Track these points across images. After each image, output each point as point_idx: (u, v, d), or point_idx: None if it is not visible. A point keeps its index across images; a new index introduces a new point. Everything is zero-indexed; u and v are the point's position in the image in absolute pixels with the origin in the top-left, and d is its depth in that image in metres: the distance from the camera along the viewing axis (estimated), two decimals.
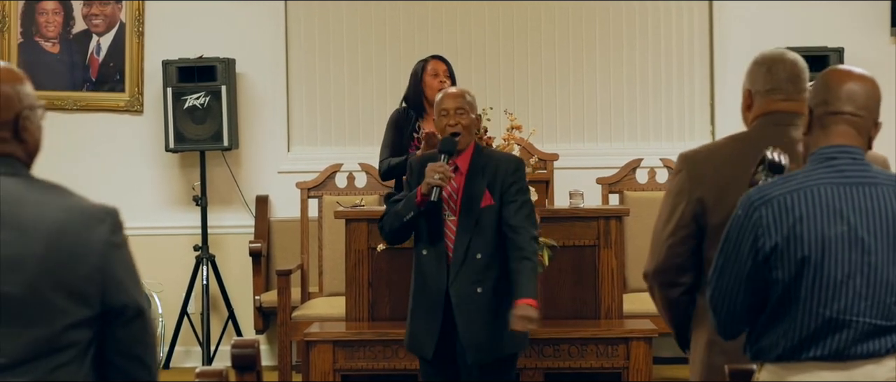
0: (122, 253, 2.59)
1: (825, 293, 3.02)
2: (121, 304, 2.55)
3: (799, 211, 3.03)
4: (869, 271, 3.02)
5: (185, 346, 7.78)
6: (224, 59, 7.62)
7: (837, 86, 3.14)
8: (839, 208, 3.03)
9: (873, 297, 3.02)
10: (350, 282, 5.94)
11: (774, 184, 3.09)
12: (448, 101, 5.02)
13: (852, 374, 3.04)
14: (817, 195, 3.04)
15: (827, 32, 7.63)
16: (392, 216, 4.98)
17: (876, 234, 3.02)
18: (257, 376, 3.21)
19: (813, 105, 3.16)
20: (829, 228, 3.02)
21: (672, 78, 7.88)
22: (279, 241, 7.80)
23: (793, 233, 3.02)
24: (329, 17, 7.92)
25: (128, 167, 7.90)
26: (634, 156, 7.44)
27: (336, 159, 7.50)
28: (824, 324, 3.02)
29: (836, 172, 3.07)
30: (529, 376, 5.62)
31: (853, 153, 3.10)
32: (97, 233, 2.54)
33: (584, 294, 5.88)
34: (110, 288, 2.54)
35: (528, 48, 7.89)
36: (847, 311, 3.02)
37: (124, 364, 2.59)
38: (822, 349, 3.03)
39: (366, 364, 5.66)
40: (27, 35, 7.88)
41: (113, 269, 2.55)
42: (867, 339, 3.03)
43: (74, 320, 2.51)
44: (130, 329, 2.58)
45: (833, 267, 3.01)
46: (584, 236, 5.92)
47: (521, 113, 7.20)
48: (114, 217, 2.59)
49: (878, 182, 3.08)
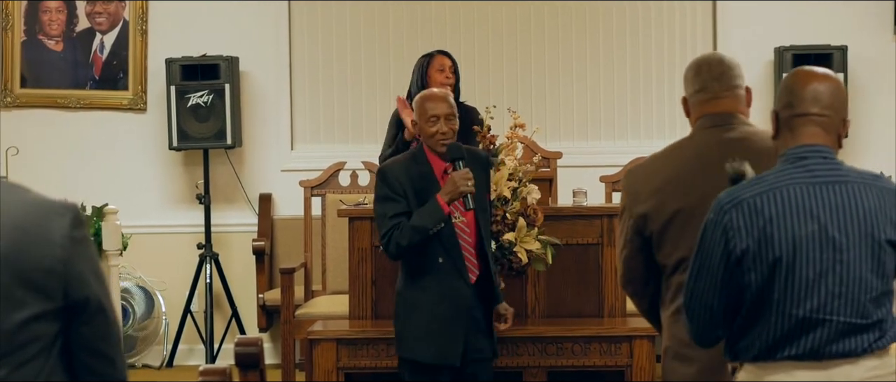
0: (82, 248, 2.56)
1: (798, 293, 3.01)
2: (83, 298, 2.53)
3: (769, 212, 3.03)
4: (841, 269, 3.01)
5: (188, 345, 7.79)
6: (227, 58, 7.62)
7: (801, 88, 3.15)
8: (809, 207, 3.03)
9: (847, 296, 3.01)
10: (353, 280, 5.94)
11: (744, 187, 3.09)
12: (438, 107, 4.98)
13: (829, 374, 3.03)
14: (787, 195, 3.04)
15: (830, 31, 7.63)
16: (410, 230, 4.88)
17: (847, 232, 3.02)
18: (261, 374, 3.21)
19: (779, 108, 3.17)
20: (799, 228, 3.01)
21: (675, 77, 7.88)
22: (282, 239, 7.80)
23: (764, 235, 3.02)
24: (332, 15, 7.92)
25: (131, 165, 7.91)
26: (637, 154, 7.42)
27: (339, 157, 7.50)
28: (798, 324, 3.02)
29: (806, 172, 3.07)
30: (533, 375, 5.63)
31: (823, 152, 3.10)
32: (58, 227, 2.53)
33: (588, 292, 5.88)
34: (72, 282, 2.52)
35: (531, 47, 7.89)
36: (821, 310, 3.01)
37: (90, 360, 2.58)
38: (797, 348, 3.03)
39: (369, 362, 5.66)
40: (31, 33, 7.89)
41: (74, 263, 2.53)
42: (842, 338, 3.02)
43: (35, 312, 2.49)
44: (93, 325, 2.56)
45: (805, 266, 3.01)
46: (588, 234, 5.92)
47: (525, 111, 7.19)
48: (74, 212, 2.57)
49: (849, 180, 3.07)
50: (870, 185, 3.07)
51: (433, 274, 4.96)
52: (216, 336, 7.71)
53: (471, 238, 4.98)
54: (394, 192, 4.96)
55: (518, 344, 5.56)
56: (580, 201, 6.05)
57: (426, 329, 4.98)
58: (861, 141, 7.46)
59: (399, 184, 4.95)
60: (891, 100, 7.73)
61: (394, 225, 4.91)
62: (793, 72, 3.24)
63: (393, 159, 5.21)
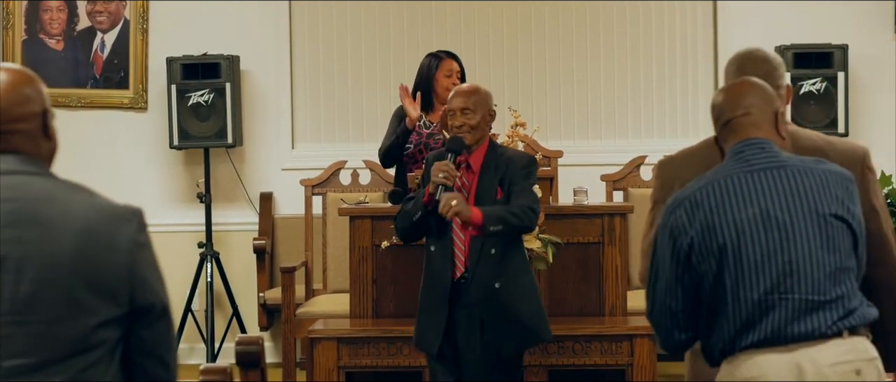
0: (147, 252, 2.61)
1: (748, 276, 3.05)
2: (148, 303, 2.57)
3: (709, 203, 3.10)
4: (789, 247, 3.05)
5: (189, 343, 7.79)
6: (228, 57, 7.62)
7: (722, 101, 3.26)
8: (748, 193, 3.09)
9: (799, 273, 3.04)
10: (354, 279, 5.94)
11: (687, 187, 3.18)
12: (455, 100, 5.02)
13: (794, 356, 3.03)
14: (725, 185, 3.11)
15: (830, 31, 7.63)
16: (402, 215, 5.03)
17: (790, 211, 3.07)
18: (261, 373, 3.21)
19: (715, 127, 3.28)
20: (740, 213, 3.07)
21: (676, 76, 7.88)
22: (283, 238, 7.80)
23: (706, 225, 3.08)
24: (333, 14, 7.92)
25: (132, 164, 7.91)
26: (638, 153, 7.44)
27: (340, 156, 7.49)
28: (755, 308, 3.04)
29: (743, 162, 3.15)
30: (534, 373, 5.62)
31: (759, 143, 3.18)
32: (124, 233, 2.56)
33: (589, 291, 5.88)
34: (138, 288, 2.56)
35: (532, 46, 7.89)
36: (774, 290, 3.04)
37: (146, 363, 2.60)
38: (757, 333, 3.05)
39: (370, 361, 5.66)
40: (31, 32, 7.89)
41: (140, 268, 2.57)
42: (803, 317, 3.03)
43: (104, 319, 2.52)
44: (155, 329, 2.60)
45: (751, 248, 3.05)
46: (589, 233, 5.92)
47: (526, 110, 7.19)
48: (139, 217, 2.61)
49: (788, 165, 3.14)
50: (810, 169, 3.13)
51: (428, 263, 5.04)
52: (217, 335, 7.70)
53: (464, 233, 4.97)
54: (422, 180, 5.08)
55: None
56: (581, 200, 6.05)
57: (419, 318, 5.07)
58: (861, 139, 7.46)
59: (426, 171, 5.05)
60: (891, 99, 7.73)
61: (402, 207, 5.07)
62: (716, 92, 3.36)
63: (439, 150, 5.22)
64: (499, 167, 4.97)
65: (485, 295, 4.94)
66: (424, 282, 5.06)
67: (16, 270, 2.48)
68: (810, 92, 7.29)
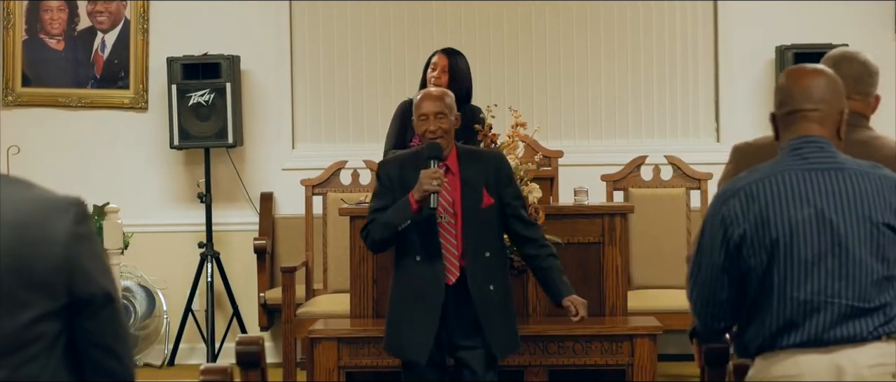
0: (88, 243, 2.52)
1: (798, 275, 3.04)
2: (88, 294, 2.49)
3: (765, 198, 3.08)
4: (841, 251, 3.04)
5: (189, 343, 7.79)
6: (228, 57, 7.62)
7: (792, 87, 3.21)
8: (805, 192, 3.07)
9: (848, 278, 3.04)
10: (354, 279, 5.95)
11: (741, 177, 3.15)
12: (427, 105, 5.00)
13: (834, 358, 3.04)
14: (783, 181, 3.09)
15: (830, 30, 7.62)
16: (381, 226, 4.94)
17: (844, 216, 3.05)
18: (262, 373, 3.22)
19: (775, 110, 3.24)
20: (795, 212, 3.06)
21: (676, 76, 7.88)
22: (284, 238, 7.80)
23: (760, 219, 3.06)
24: (333, 14, 7.92)
25: (132, 164, 7.91)
26: (639, 153, 7.44)
27: (340, 156, 7.49)
28: (800, 308, 3.04)
29: (801, 160, 3.12)
30: (534, 374, 5.63)
31: (818, 142, 3.15)
32: (61, 224, 2.48)
33: (589, 291, 5.87)
34: (76, 279, 2.48)
35: (532, 46, 7.89)
36: (822, 292, 3.03)
37: (95, 354, 2.54)
38: (800, 335, 3.05)
39: (370, 361, 5.66)
40: (32, 32, 7.89)
41: (78, 260, 2.48)
42: (845, 322, 3.04)
43: (40, 313, 2.45)
44: (99, 319, 2.52)
45: (803, 248, 3.04)
46: (589, 233, 5.92)
47: (526, 110, 7.19)
48: (78, 207, 2.52)
49: (845, 168, 3.12)
50: (867, 173, 3.11)
51: (410, 271, 5.00)
52: (217, 335, 7.70)
53: (456, 239, 4.97)
54: (383, 187, 5.03)
55: None
56: (581, 200, 6.05)
57: (399, 325, 5.04)
58: None
59: (389, 180, 5.01)
60: (891, 99, 7.72)
61: (372, 218, 4.98)
62: (784, 72, 3.30)
63: (394, 155, 5.23)
64: (480, 172, 5.00)
65: (480, 296, 4.96)
66: (403, 291, 5.03)
67: None
68: None
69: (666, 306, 6.58)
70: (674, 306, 6.53)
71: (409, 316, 4.99)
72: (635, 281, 7.06)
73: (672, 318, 6.35)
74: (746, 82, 7.74)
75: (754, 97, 7.70)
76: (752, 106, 7.68)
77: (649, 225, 7.17)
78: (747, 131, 6.71)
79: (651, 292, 6.93)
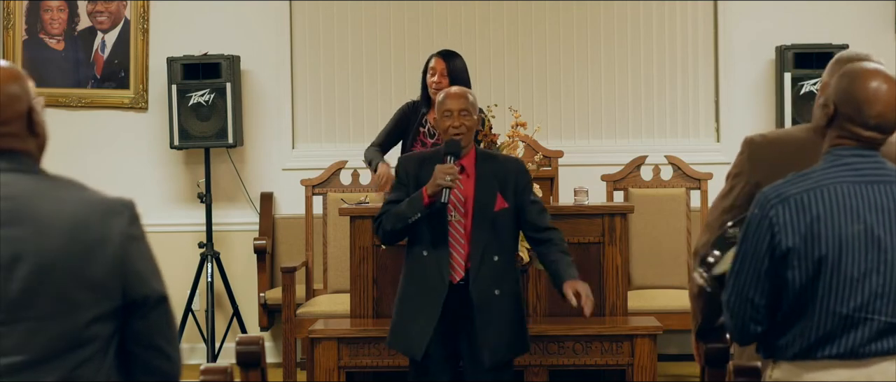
0: (140, 244, 2.58)
1: (842, 291, 3.03)
2: (142, 296, 2.55)
3: (816, 211, 3.04)
4: (885, 269, 3.03)
5: (189, 343, 7.79)
6: (229, 57, 7.62)
7: (871, 105, 3.12)
8: (855, 207, 3.05)
9: (890, 295, 3.04)
10: (354, 279, 5.95)
11: (790, 182, 3.10)
12: (452, 102, 5.01)
13: (869, 372, 3.05)
14: (834, 194, 3.05)
15: (831, 30, 7.63)
16: (393, 217, 4.96)
17: (892, 232, 3.04)
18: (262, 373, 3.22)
19: (840, 105, 3.15)
20: (846, 227, 3.03)
21: (677, 76, 7.88)
22: (284, 238, 7.80)
23: (810, 232, 3.03)
24: (333, 13, 7.92)
25: (132, 164, 7.91)
26: (639, 153, 7.44)
27: (340, 156, 7.50)
28: (841, 322, 3.03)
29: (852, 171, 3.09)
30: (534, 373, 5.63)
31: (867, 152, 3.12)
32: (115, 226, 2.53)
33: None
34: (131, 280, 2.54)
35: (532, 46, 7.89)
36: (863, 309, 3.03)
37: (145, 355, 2.58)
38: (838, 347, 3.05)
39: (370, 360, 5.66)
40: (32, 32, 7.89)
41: (132, 261, 2.54)
42: (882, 337, 3.05)
43: (96, 314, 2.50)
44: (149, 320, 2.57)
45: (850, 265, 3.02)
46: (589, 233, 5.92)
47: (526, 110, 7.20)
48: (131, 209, 2.58)
49: (894, 180, 3.09)
50: None
51: (417, 266, 5.00)
52: (217, 335, 7.71)
53: (464, 239, 4.97)
54: (400, 181, 5.07)
55: None
56: (581, 200, 6.05)
57: (401, 320, 5.03)
58: None
59: (406, 174, 5.04)
60: None
61: (387, 209, 5.01)
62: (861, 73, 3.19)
63: (417, 151, 5.24)
64: (497, 175, 4.98)
65: (484, 300, 4.94)
66: (408, 285, 5.03)
67: (7, 268, 2.47)
68: (811, 92, 7.29)
69: (666, 306, 6.58)
70: (674, 306, 6.54)
71: (410, 310, 4.99)
72: (635, 281, 7.06)
73: (672, 318, 6.36)
74: (746, 82, 7.74)
75: (754, 97, 7.70)
76: (752, 106, 7.68)
77: (649, 225, 7.17)
78: (747, 131, 6.67)
79: (651, 292, 6.93)
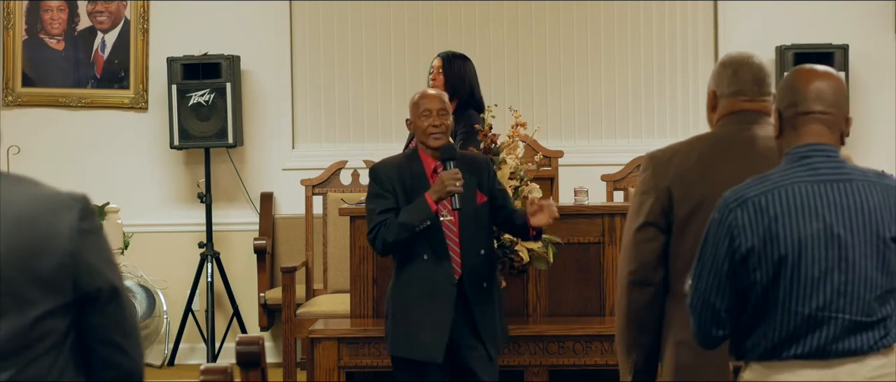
0: (93, 238, 2.51)
1: (803, 291, 3.02)
2: (94, 289, 2.49)
3: (774, 211, 3.03)
4: (847, 267, 3.02)
5: (189, 343, 7.79)
6: (229, 57, 7.63)
7: (804, 87, 3.15)
8: (814, 206, 3.03)
9: (852, 293, 3.02)
10: (354, 279, 5.95)
11: (749, 185, 3.09)
12: (429, 102, 5.05)
13: (835, 372, 3.04)
14: (792, 194, 3.04)
15: (831, 30, 7.63)
16: (396, 227, 4.93)
17: (852, 230, 3.03)
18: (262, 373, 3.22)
19: (782, 107, 3.17)
20: (804, 226, 3.02)
21: (676, 76, 7.89)
22: (284, 238, 7.80)
23: (769, 234, 3.02)
24: (334, 13, 7.92)
25: (132, 164, 7.91)
26: (639, 153, 7.42)
27: (341, 156, 7.50)
28: (804, 322, 3.03)
29: (811, 170, 3.07)
30: (534, 374, 5.63)
31: (827, 150, 3.11)
32: (65, 220, 2.47)
33: (589, 291, 5.88)
34: (82, 275, 2.47)
35: (532, 46, 7.89)
36: (826, 308, 3.02)
37: (102, 350, 2.53)
38: (802, 347, 3.04)
39: (370, 361, 5.66)
40: (32, 32, 7.89)
41: (83, 255, 2.47)
42: (848, 336, 3.03)
43: (46, 310, 2.45)
44: (106, 313, 2.51)
45: (810, 264, 3.02)
46: (589, 233, 5.92)
47: (526, 110, 7.19)
48: (83, 203, 2.51)
49: (853, 178, 3.08)
50: (874, 183, 3.08)
51: (418, 271, 5.00)
52: (217, 335, 7.71)
53: (456, 237, 5.01)
54: (383, 189, 5.02)
55: (519, 343, 5.56)
56: (581, 200, 6.05)
57: (410, 326, 5.02)
58: (862, 139, 7.46)
59: (388, 181, 5.02)
60: (892, 99, 7.73)
61: (381, 221, 4.97)
62: (795, 70, 3.23)
63: (387, 158, 5.25)
64: (472, 171, 5.05)
65: (477, 294, 5.02)
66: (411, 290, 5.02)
67: None
68: None
69: None
70: None
71: (420, 315, 4.98)
72: None
73: None
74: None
75: None
76: None
77: None
78: None
79: None
